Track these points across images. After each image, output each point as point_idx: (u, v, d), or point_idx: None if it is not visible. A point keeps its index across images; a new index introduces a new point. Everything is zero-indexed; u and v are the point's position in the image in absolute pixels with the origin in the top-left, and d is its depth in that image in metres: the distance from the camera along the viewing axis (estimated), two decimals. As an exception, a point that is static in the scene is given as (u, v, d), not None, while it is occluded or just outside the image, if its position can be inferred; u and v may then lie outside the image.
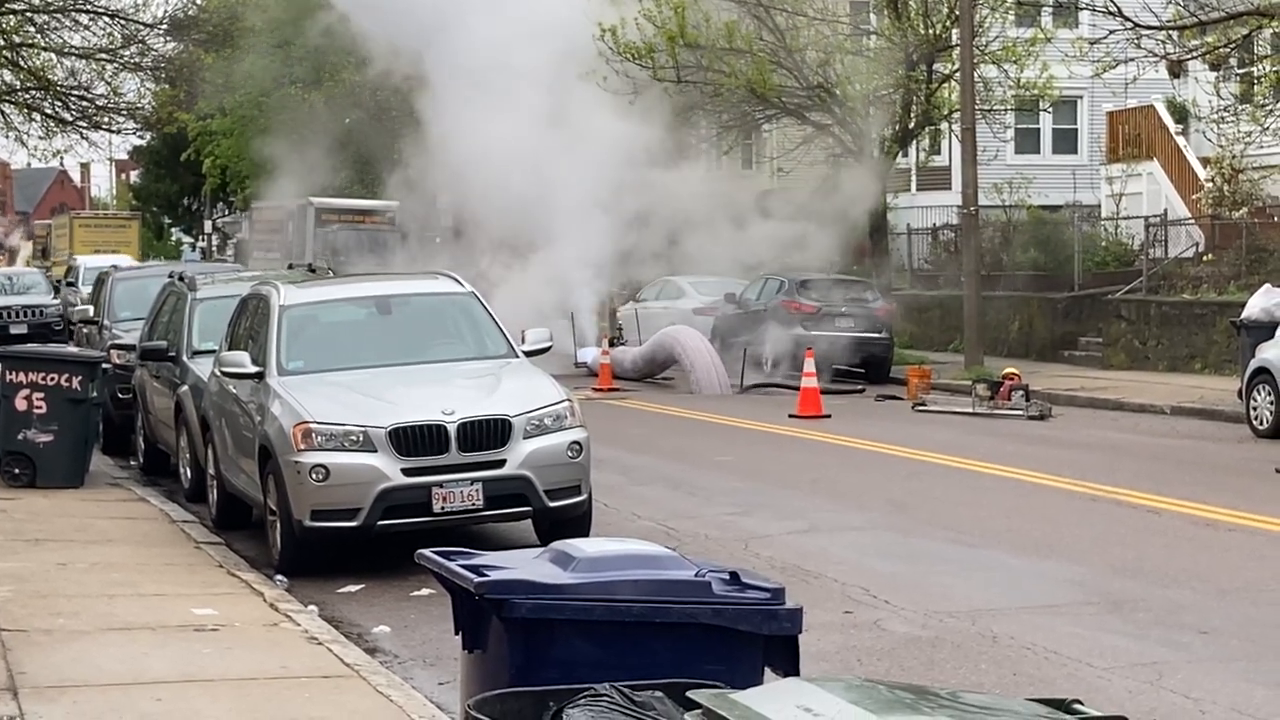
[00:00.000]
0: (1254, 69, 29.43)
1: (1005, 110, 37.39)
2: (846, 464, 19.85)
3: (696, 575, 6.41)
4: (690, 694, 4.66)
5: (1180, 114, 36.98)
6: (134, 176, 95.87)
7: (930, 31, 34.69)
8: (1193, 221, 34.04)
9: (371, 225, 45.88)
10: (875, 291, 33.57)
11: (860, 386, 30.36)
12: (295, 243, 46.11)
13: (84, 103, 39.46)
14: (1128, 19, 25.50)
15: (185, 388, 17.41)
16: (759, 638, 6.27)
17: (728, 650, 6.23)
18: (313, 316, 15.04)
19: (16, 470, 17.44)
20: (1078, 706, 4.77)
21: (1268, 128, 27.74)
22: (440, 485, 13.08)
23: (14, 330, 37.86)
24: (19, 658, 9.75)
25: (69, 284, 44.06)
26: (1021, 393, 25.87)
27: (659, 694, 5.40)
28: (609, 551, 6.55)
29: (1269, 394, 21.69)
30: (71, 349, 21.58)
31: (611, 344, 34.20)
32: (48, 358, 18.14)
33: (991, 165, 37.06)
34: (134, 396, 20.19)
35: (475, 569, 6.36)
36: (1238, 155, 31.51)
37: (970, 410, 25.76)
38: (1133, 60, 26.08)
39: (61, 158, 44.97)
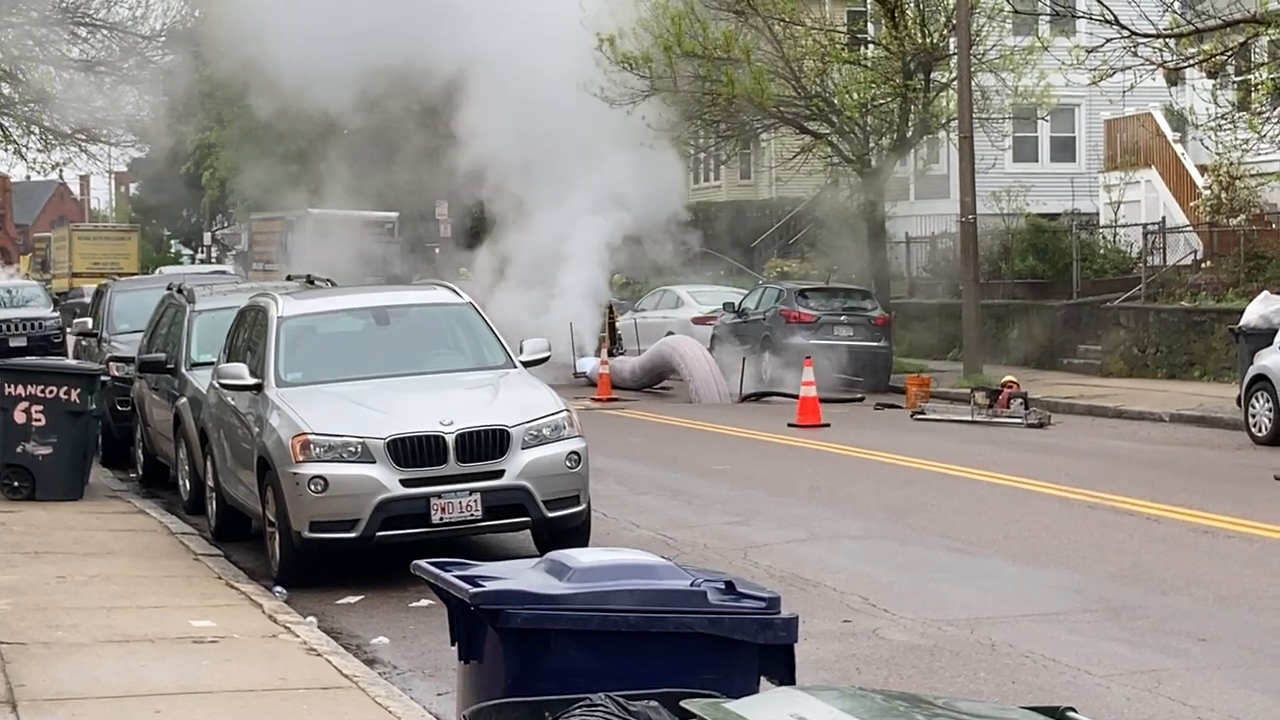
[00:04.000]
0: (1251, 76, 29.46)
1: (1003, 119, 37.42)
2: (845, 472, 19.85)
3: (692, 585, 6.42)
4: (684, 703, 4.67)
5: (1178, 122, 37.01)
6: (133, 189, 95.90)
7: (927, 40, 34.71)
8: (1191, 229, 34.06)
9: (371, 235, 45.94)
10: (873, 300, 33.59)
11: (859, 395, 30.36)
12: (294, 254, 46.15)
13: (82, 115, 39.50)
14: (1125, 27, 25.53)
15: (184, 400, 17.41)
16: (755, 647, 6.28)
17: (724, 659, 6.23)
18: (311, 328, 15.03)
19: (16, 483, 17.43)
20: (1072, 715, 4.78)
21: (1265, 135, 27.76)
22: (439, 496, 13.08)
23: (13, 343, 37.85)
24: (18, 670, 9.75)
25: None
26: (1020, 400, 25.88)
27: (654, 704, 5.41)
28: (604, 561, 6.55)
29: (1267, 401, 21.69)
30: (70, 361, 21.60)
31: (610, 354, 34.22)
32: (47, 370, 18.14)
33: (990, 173, 37.09)
34: (133, 409, 20.20)
35: (471, 579, 6.37)
36: (1235, 162, 31.56)
37: (969, 418, 25.76)
38: (1130, 68, 26.09)
39: (61, 170, 45.01)
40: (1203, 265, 32.49)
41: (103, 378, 18.41)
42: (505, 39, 36.32)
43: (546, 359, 15.19)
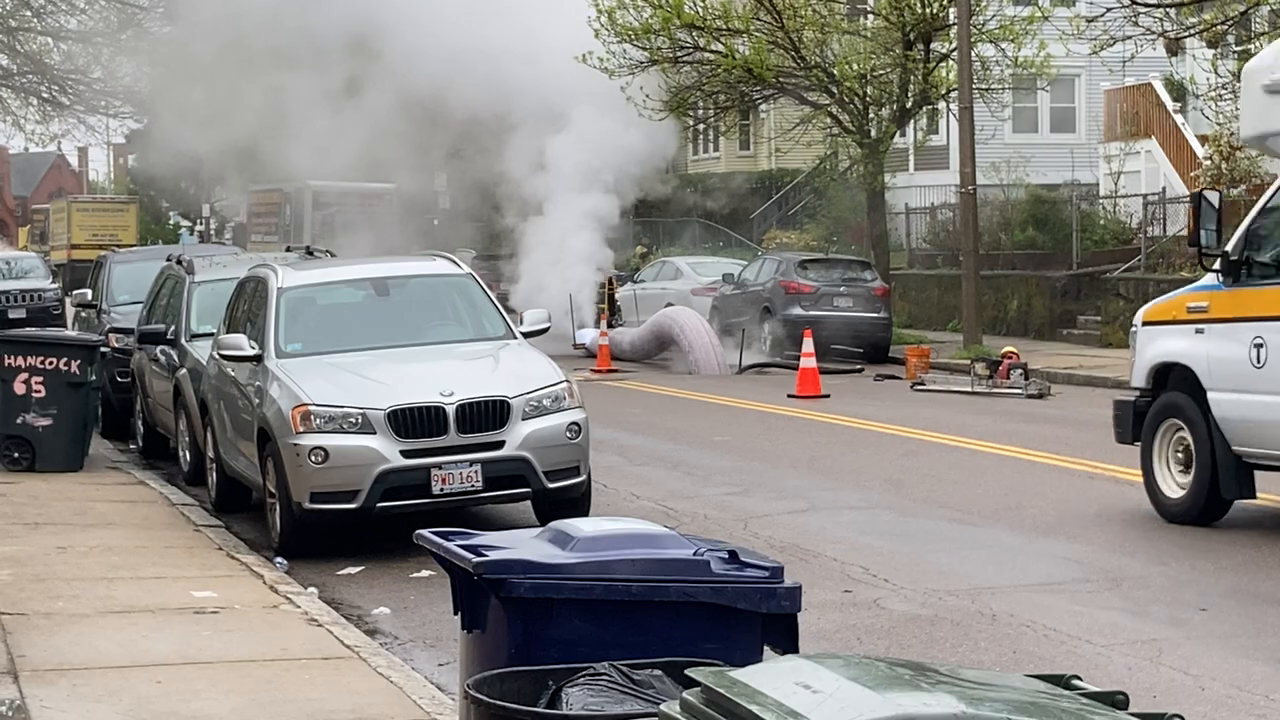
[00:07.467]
0: (1251, 46, 29.35)
1: (1003, 89, 37.35)
2: (845, 443, 19.85)
3: (695, 554, 6.40)
4: (689, 671, 4.65)
5: (1178, 92, 36.94)
6: (131, 160, 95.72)
7: (927, 10, 34.62)
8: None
9: (369, 207, 45.85)
10: (873, 271, 33.57)
11: (859, 366, 30.35)
12: (293, 225, 46.09)
13: (80, 86, 39.44)
14: (1126, -4, 25.48)
15: (184, 371, 17.41)
16: (758, 616, 6.26)
17: (727, 629, 6.22)
18: (311, 299, 15.02)
19: (16, 454, 17.44)
20: (1077, 683, 4.77)
21: (1266, 105, 27.66)
22: (439, 467, 13.08)
23: (12, 315, 37.78)
24: (19, 641, 9.76)
25: None
26: (1020, 371, 25.88)
27: (658, 672, 5.40)
28: (607, 531, 6.53)
29: (1267, 371, 21.64)
30: (70, 333, 21.58)
31: (609, 325, 34.21)
32: (46, 341, 18.13)
33: (989, 144, 37.02)
34: (133, 380, 20.19)
35: (473, 549, 6.35)
36: (1235, 133, 31.49)
37: (969, 389, 25.76)
38: (1130, 38, 26.05)
39: (59, 142, 44.99)
40: (1202, 236, 32.41)
41: (102, 349, 18.40)
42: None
43: (546, 330, 15.19)
